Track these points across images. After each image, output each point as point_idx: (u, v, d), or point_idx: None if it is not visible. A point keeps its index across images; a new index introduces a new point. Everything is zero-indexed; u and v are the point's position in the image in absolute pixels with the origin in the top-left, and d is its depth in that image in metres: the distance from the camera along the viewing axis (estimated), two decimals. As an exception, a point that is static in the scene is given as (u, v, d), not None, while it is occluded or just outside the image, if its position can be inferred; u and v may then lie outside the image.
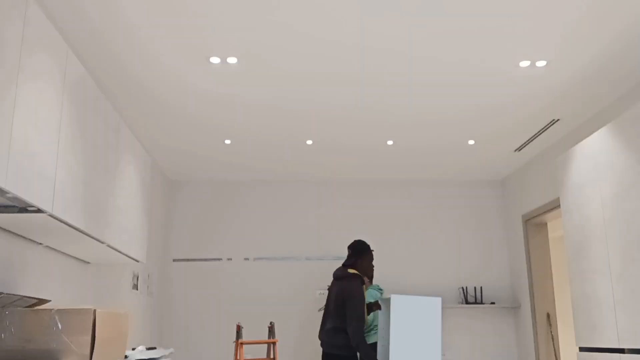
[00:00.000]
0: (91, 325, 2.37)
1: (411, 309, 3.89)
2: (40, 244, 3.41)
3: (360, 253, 4.35)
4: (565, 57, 4.03)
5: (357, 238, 6.91)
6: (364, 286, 4.32)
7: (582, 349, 4.08)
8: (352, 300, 4.06)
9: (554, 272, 8.38)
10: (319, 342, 5.08)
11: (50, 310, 2.38)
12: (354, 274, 4.19)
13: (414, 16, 3.51)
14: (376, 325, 5.77)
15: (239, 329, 5.57)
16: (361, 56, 4.00)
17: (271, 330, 5.79)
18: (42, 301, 2.77)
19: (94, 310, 2.40)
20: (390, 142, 5.73)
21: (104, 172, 3.44)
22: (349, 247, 4.43)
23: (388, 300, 4.10)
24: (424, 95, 4.65)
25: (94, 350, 2.37)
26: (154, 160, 6.19)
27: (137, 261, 4.21)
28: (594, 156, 3.92)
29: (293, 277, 6.79)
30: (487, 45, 3.86)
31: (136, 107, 4.82)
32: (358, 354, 4.12)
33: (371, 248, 4.67)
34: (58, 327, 2.35)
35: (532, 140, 5.70)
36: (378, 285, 5.25)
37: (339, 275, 4.27)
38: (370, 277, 4.58)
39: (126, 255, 3.93)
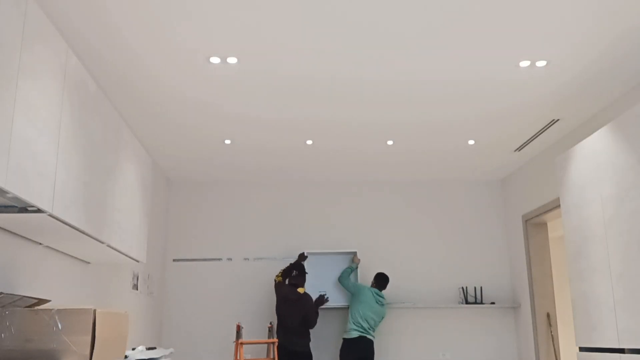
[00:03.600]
0: (91, 325, 2.37)
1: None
2: (40, 244, 3.41)
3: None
4: (565, 57, 4.03)
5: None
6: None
7: (582, 349, 4.08)
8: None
9: (554, 272, 8.39)
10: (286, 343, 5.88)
11: (51, 310, 2.38)
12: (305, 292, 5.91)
13: (414, 16, 3.51)
14: (355, 321, 5.84)
15: (239, 329, 5.57)
16: (361, 56, 4.00)
17: (271, 330, 5.79)
18: (42, 301, 2.77)
19: (94, 311, 2.40)
20: (390, 142, 5.73)
21: (104, 172, 3.43)
22: (298, 267, 5.99)
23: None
24: (424, 95, 4.65)
25: (94, 351, 2.37)
26: (154, 160, 6.19)
27: (137, 261, 4.21)
28: (594, 156, 3.92)
29: (293, 277, 6.78)
30: (487, 45, 3.86)
31: (136, 107, 4.82)
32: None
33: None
34: (58, 327, 2.35)
35: (532, 140, 5.70)
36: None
37: (298, 297, 5.85)
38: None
39: (126, 255, 3.93)
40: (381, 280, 6.23)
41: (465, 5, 3.40)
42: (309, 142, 5.69)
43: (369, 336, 5.91)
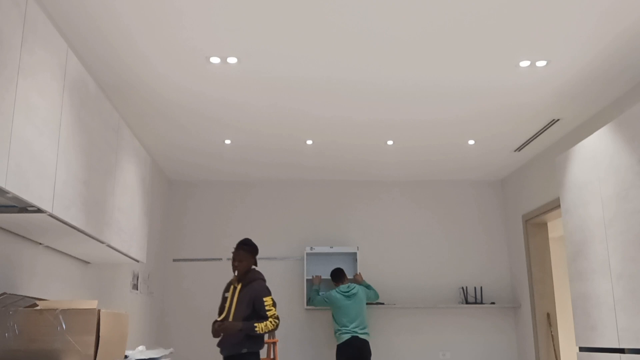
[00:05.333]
0: (95, 325, 2.37)
1: None
2: (40, 244, 3.41)
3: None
4: (565, 57, 4.03)
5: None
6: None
7: (582, 349, 4.08)
8: None
9: (554, 272, 8.39)
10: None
11: (55, 310, 2.38)
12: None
13: (414, 15, 3.51)
14: (341, 325, 5.76)
15: (239, 329, 5.56)
16: (361, 55, 4.00)
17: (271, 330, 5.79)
18: (42, 301, 2.77)
19: (99, 311, 2.40)
20: (390, 142, 5.73)
21: (104, 172, 3.43)
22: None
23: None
24: (424, 95, 4.65)
25: (98, 350, 2.37)
26: (154, 160, 6.19)
27: (137, 261, 4.21)
28: (594, 156, 3.92)
29: (293, 277, 6.79)
30: (487, 45, 3.86)
31: (136, 107, 4.82)
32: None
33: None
34: (62, 327, 2.35)
35: (532, 140, 5.70)
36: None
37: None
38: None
39: (126, 255, 3.93)
40: (336, 277, 6.09)
41: (466, 6, 3.40)
42: (309, 142, 5.69)
43: (361, 336, 5.80)
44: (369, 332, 6.54)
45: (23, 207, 2.56)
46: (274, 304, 4.29)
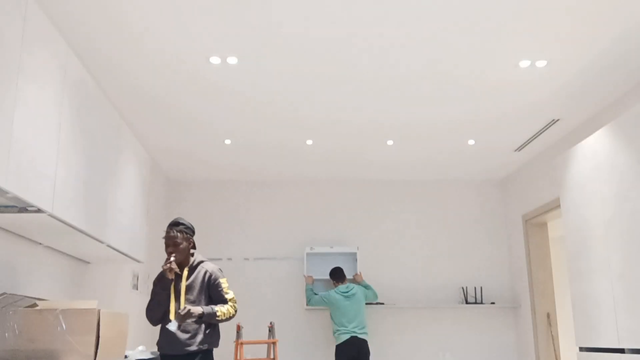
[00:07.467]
0: (96, 325, 2.38)
1: None
2: (40, 244, 3.41)
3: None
4: (565, 57, 4.03)
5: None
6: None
7: (582, 349, 4.08)
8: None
9: (554, 272, 8.39)
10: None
11: (55, 310, 2.38)
12: None
13: (414, 15, 3.51)
14: (340, 325, 5.78)
15: (239, 329, 5.57)
16: (361, 56, 4.00)
17: (271, 330, 5.79)
18: (43, 301, 2.77)
19: (99, 311, 2.41)
20: (390, 142, 5.73)
21: (104, 172, 3.43)
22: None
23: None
24: (424, 95, 4.65)
25: (98, 350, 2.37)
26: (154, 160, 6.19)
27: (137, 261, 4.21)
28: (594, 156, 3.92)
29: (293, 277, 6.79)
30: (487, 45, 3.86)
31: (136, 107, 4.82)
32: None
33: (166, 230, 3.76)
34: (62, 327, 2.36)
35: (532, 140, 5.70)
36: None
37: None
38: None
39: (126, 255, 3.93)
40: (336, 276, 6.13)
41: (466, 6, 3.40)
42: (309, 142, 5.69)
43: (360, 335, 5.80)
44: (368, 331, 6.54)
45: (23, 207, 2.56)
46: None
